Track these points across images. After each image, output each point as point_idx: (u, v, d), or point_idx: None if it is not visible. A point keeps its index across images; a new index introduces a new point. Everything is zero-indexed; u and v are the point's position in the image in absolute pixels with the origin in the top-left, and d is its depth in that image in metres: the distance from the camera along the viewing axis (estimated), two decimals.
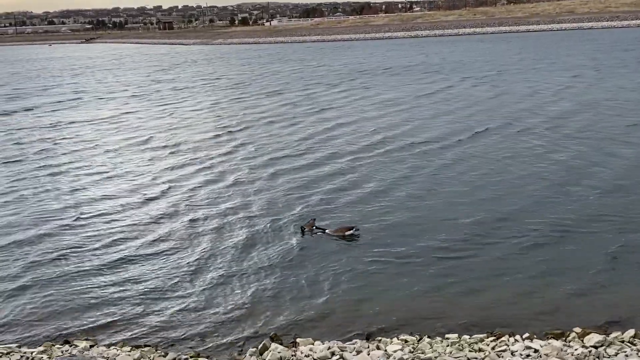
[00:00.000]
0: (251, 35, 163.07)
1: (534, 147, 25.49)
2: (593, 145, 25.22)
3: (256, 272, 14.53)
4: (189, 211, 19.28)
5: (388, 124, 32.64)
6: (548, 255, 14.74)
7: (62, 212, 19.72)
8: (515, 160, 23.53)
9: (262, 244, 16.26)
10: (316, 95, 46.56)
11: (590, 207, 17.84)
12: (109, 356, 10.90)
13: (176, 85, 60.68)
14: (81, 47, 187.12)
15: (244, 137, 31.57)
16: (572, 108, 34.31)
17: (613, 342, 10.62)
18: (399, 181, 21.48)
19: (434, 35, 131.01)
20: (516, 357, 10.10)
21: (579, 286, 13.13)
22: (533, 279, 13.55)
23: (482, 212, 17.88)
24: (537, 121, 30.98)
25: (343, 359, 10.45)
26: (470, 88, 45.83)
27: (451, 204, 18.79)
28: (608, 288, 13.01)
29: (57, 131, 36.13)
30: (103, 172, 25.17)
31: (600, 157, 23.25)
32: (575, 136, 27.13)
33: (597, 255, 14.55)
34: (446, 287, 13.39)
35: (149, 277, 14.46)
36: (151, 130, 35.05)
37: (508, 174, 21.69)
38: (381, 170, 23.03)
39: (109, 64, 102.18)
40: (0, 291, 14.08)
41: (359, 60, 79.66)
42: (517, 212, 17.69)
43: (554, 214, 17.40)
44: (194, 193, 21.30)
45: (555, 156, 23.73)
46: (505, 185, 20.49)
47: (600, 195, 18.81)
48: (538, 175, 21.28)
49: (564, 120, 30.87)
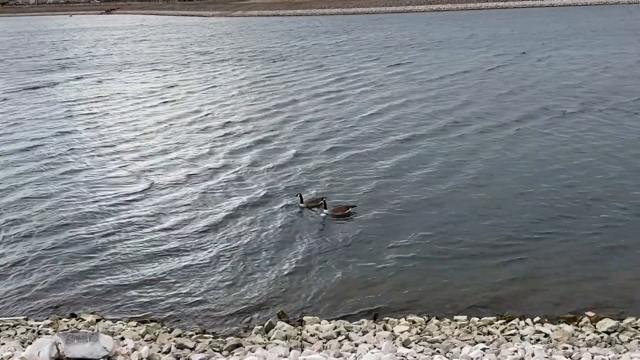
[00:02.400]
0: (271, 7, 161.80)
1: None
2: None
3: (263, 251, 14.39)
4: (213, 188, 19.21)
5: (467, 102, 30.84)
6: (562, 237, 14.41)
7: (74, 188, 19.74)
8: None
9: (271, 223, 16.13)
10: (368, 71, 43.87)
11: (612, 189, 17.44)
12: (114, 330, 10.88)
13: (219, 58, 58.31)
14: (102, 18, 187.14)
15: (298, 111, 30.47)
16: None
17: (627, 327, 10.35)
18: (403, 166, 21.20)
19: (456, 9, 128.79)
20: (525, 341, 9.87)
21: (594, 269, 12.83)
22: (547, 261, 13.25)
23: (497, 193, 17.57)
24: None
25: (349, 339, 10.31)
26: (527, 63, 43.55)
27: (466, 184, 18.48)
28: (624, 271, 12.66)
29: (116, 103, 35.20)
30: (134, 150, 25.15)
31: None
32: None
33: (615, 238, 14.19)
34: (457, 268, 13.15)
35: (157, 255, 14.38)
36: (201, 104, 33.93)
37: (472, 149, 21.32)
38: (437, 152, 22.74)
39: (141, 35, 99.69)
40: (9, 264, 14.11)
41: (395, 34, 77.48)
42: (531, 194, 17.33)
43: (571, 196, 17.04)
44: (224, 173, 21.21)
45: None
46: (515, 164, 20.11)
47: (623, 175, 18.38)
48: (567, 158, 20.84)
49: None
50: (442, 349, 9.53)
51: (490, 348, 9.45)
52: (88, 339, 8.89)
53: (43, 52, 73.33)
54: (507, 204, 16.54)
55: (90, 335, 8.98)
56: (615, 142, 21.99)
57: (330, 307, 11.81)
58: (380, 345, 9.63)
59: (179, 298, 12.31)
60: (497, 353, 9.22)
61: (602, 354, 9.04)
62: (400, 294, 12.14)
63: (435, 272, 13.01)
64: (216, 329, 11.21)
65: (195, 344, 10.20)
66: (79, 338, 8.86)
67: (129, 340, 9.99)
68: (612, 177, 18.26)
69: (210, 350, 9.88)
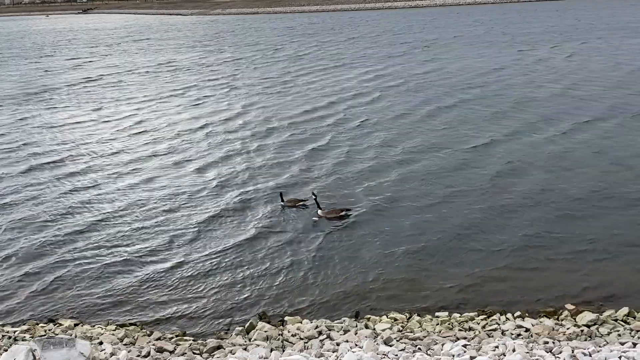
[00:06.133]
0: (250, 5, 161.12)
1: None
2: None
3: (243, 251, 14.26)
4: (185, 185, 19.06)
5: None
6: (542, 230, 14.48)
7: (48, 190, 19.48)
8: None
9: (252, 224, 16.03)
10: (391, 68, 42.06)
11: (591, 185, 17.58)
12: (92, 335, 10.71)
13: (225, 58, 55.41)
14: (81, 18, 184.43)
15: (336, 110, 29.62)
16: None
17: (606, 320, 10.41)
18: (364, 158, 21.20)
19: (434, 5, 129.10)
20: (506, 336, 9.88)
21: (573, 262, 12.90)
22: (527, 255, 13.31)
23: (476, 192, 17.62)
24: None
25: (330, 338, 10.24)
26: (558, 58, 42.54)
27: (446, 184, 18.52)
28: (603, 265, 12.75)
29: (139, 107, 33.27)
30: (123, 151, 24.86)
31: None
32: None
33: (594, 233, 14.27)
34: (438, 264, 13.16)
35: (135, 258, 14.18)
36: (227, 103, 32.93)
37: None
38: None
39: (131, 35, 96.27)
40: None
41: (398, 31, 76.77)
42: (515, 194, 17.39)
43: (549, 192, 17.15)
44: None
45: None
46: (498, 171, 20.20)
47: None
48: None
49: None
50: (424, 347, 9.51)
51: (471, 344, 9.45)
52: (65, 344, 8.73)
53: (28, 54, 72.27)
54: (487, 201, 16.57)
55: (66, 341, 8.82)
56: (577, 135, 22.20)
57: (311, 306, 11.75)
58: (362, 344, 9.58)
59: (159, 300, 12.17)
60: (478, 349, 9.22)
61: (582, 348, 9.06)
62: (382, 292, 12.11)
63: (416, 269, 13.00)
64: (196, 331, 11.10)
65: (175, 346, 10.08)
66: (55, 344, 8.70)
67: (108, 345, 9.84)
68: (593, 175, 18.33)
69: (190, 353, 9.76)
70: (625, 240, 13.78)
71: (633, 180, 17.39)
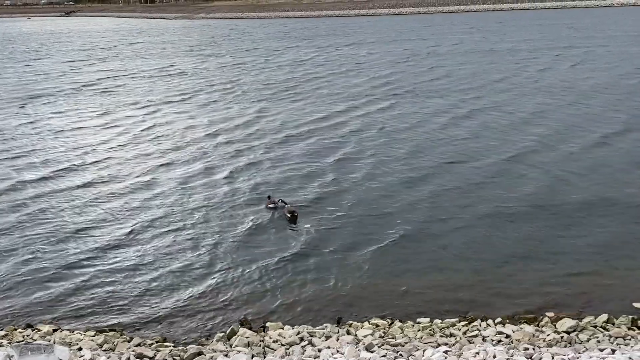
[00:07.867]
0: (234, 10, 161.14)
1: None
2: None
3: (225, 256, 14.20)
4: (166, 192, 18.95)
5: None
6: (524, 237, 14.60)
7: (30, 194, 19.29)
8: None
9: (233, 227, 15.97)
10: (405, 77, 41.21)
11: (569, 188, 17.75)
12: (72, 341, 10.59)
13: (226, 62, 55.00)
14: (65, 20, 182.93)
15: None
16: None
17: (586, 327, 10.50)
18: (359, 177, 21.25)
19: (418, 13, 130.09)
20: (487, 343, 9.93)
21: (554, 269, 12.99)
22: (508, 262, 13.40)
23: (457, 198, 17.73)
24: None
25: (312, 344, 10.22)
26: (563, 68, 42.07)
27: (429, 191, 18.60)
28: (583, 272, 12.85)
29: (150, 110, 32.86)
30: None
31: None
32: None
33: (573, 239, 14.43)
34: (420, 270, 13.20)
35: (115, 262, 14.05)
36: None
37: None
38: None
39: (125, 38, 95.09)
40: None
41: (390, 41, 77.05)
42: (490, 197, 17.52)
43: (532, 196, 17.30)
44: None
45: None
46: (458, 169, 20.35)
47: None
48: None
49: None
50: (405, 353, 9.52)
51: (452, 350, 9.48)
52: (42, 350, 8.64)
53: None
54: (468, 208, 16.65)
55: (44, 347, 8.73)
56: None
57: (293, 312, 11.71)
58: (344, 350, 9.57)
59: (139, 306, 12.05)
60: (459, 355, 9.25)
61: (562, 354, 9.14)
62: (364, 297, 12.12)
63: (398, 274, 13.03)
64: (177, 337, 10.99)
65: (155, 352, 9.98)
66: (33, 350, 8.61)
67: (87, 351, 9.73)
68: (573, 180, 18.57)
69: (170, 359, 9.69)
70: (605, 247, 13.92)
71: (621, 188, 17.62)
